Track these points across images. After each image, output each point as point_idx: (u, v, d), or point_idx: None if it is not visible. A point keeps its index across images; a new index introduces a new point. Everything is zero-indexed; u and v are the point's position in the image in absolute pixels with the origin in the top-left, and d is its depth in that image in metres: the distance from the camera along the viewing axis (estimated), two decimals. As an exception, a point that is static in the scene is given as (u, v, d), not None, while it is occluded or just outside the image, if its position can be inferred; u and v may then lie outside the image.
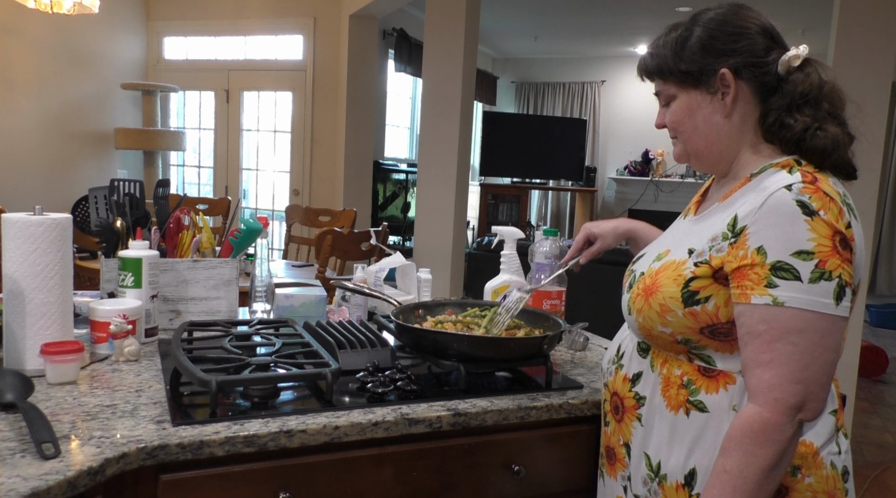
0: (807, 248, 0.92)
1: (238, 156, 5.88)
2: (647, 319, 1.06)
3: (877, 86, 2.91)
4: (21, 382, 1.10)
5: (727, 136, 1.07)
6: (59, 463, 0.89)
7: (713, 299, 1.00)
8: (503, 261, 1.69)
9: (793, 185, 0.95)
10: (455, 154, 4.38)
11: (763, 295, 0.93)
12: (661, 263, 1.09)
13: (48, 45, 4.96)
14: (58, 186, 5.05)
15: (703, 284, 1.00)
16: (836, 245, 0.92)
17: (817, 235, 0.92)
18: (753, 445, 0.93)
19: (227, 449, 1.02)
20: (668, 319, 1.03)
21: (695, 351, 1.04)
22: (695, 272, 1.01)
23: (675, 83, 1.09)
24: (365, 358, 1.30)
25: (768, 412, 0.93)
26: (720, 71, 1.04)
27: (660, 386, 1.07)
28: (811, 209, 0.93)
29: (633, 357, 1.14)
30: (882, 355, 4.81)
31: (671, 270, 1.05)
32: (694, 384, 1.03)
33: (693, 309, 1.01)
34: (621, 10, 6.36)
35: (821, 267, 0.92)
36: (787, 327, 0.92)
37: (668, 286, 1.03)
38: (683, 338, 1.03)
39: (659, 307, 1.04)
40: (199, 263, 1.60)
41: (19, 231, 1.18)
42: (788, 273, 0.92)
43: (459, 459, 1.18)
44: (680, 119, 1.10)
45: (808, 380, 0.93)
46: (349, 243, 3.03)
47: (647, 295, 1.07)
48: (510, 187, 7.98)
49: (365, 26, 5.37)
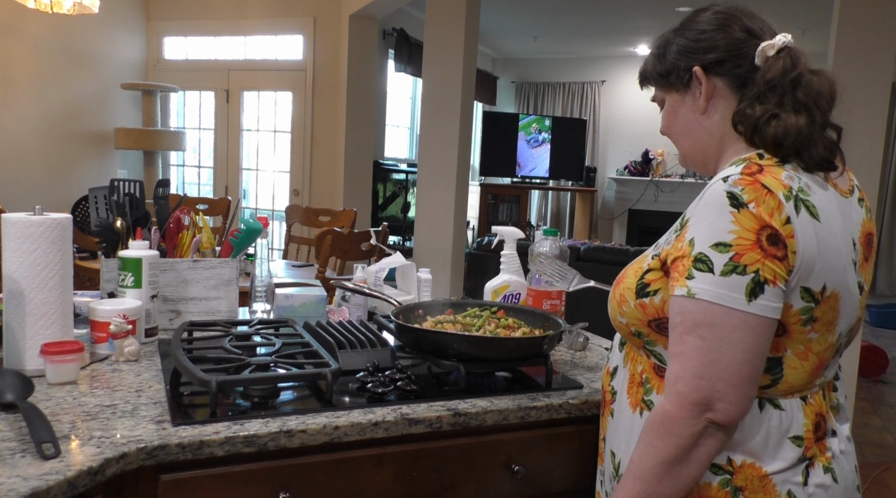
0: (726, 240, 0.89)
1: (238, 156, 5.88)
2: (612, 308, 1.09)
3: (877, 86, 2.91)
4: (21, 382, 1.10)
5: (708, 133, 1.06)
6: (59, 463, 0.89)
7: (661, 293, 0.99)
8: (503, 261, 1.69)
9: (729, 176, 0.92)
10: (455, 154, 4.38)
11: (682, 286, 0.92)
12: (638, 257, 1.11)
13: (48, 45, 4.96)
14: (58, 186, 5.05)
15: (655, 277, 1.00)
16: (759, 239, 0.88)
17: (740, 228, 0.89)
18: (653, 436, 0.93)
19: (227, 449, 1.02)
20: (624, 310, 1.04)
21: (649, 346, 1.04)
22: (650, 265, 1.02)
23: (660, 86, 1.11)
24: (365, 358, 1.30)
25: (670, 404, 0.92)
26: (692, 69, 1.04)
27: (627, 382, 1.08)
28: (740, 201, 0.89)
29: (614, 351, 1.15)
30: (882, 355, 4.81)
31: (637, 263, 1.07)
32: (649, 383, 1.04)
33: (642, 301, 1.01)
34: (621, 10, 6.36)
35: (735, 260, 0.88)
36: (696, 320, 0.90)
37: (629, 278, 1.05)
38: (636, 330, 1.04)
39: (619, 297, 1.06)
40: (199, 262, 1.60)
41: (19, 231, 1.18)
42: (704, 265, 0.90)
43: (459, 459, 1.18)
44: (668, 122, 1.11)
45: (713, 376, 0.89)
46: (349, 243, 3.03)
47: (615, 286, 1.09)
48: (510, 187, 7.98)
49: (365, 26, 5.37)
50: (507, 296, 1.65)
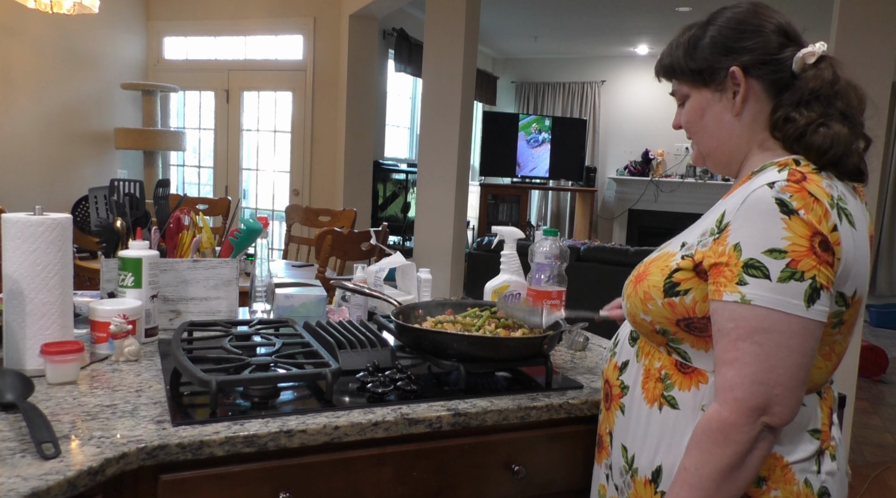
0: (780, 246, 0.89)
1: (238, 156, 5.88)
2: (633, 304, 1.07)
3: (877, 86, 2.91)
4: (21, 382, 1.10)
5: (737, 135, 1.05)
6: (59, 463, 0.89)
7: (692, 293, 0.99)
8: (503, 261, 1.69)
9: (775, 182, 0.93)
10: (455, 154, 4.38)
11: (733, 292, 0.92)
12: (657, 253, 1.10)
13: (48, 45, 4.96)
14: (58, 186, 5.05)
15: (685, 277, 0.99)
16: (813, 246, 0.89)
17: (793, 234, 0.89)
18: (710, 444, 0.92)
19: (227, 449, 1.02)
20: (649, 307, 1.03)
21: (672, 344, 1.03)
22: (679, 264, 1.01)
23: (687, 82, 1.08)
24: (365, 358, 1.30)
25: (727, 411, 0.91)
26: (730, 69, 1.03)
27: (641, 377, 1.08)
28: (790, 208, 0.90)
29: (624, 345, 1.14)
30: (882, 355, 4.81)
31: (662, 260, 1.05)
32: (670, 379, 1.03)
33: (671, 300, 1.00)
34: (621, 10, 6.35)
35: (792, 266, 0.89)
36: (752, 326, 0.90)
37: (655, 275, 1.04)
38: (661, 328, 1.03)
39: (643, 294, 1.04)
40: (199, 262, 1.60)
41: (19, 231, 1.18)
42: (758, 271, 0.90)
43: (459, 459, 1.18)
44: (692, 119, 1.09)
45: (771, 381, 0.90)
46: (349, 243, 3.03)
47: (637, 282, 1.07)
48: (510, 187, 7.98)
49: (365, 26, 5.37)
50: (507, 296, 1.65)
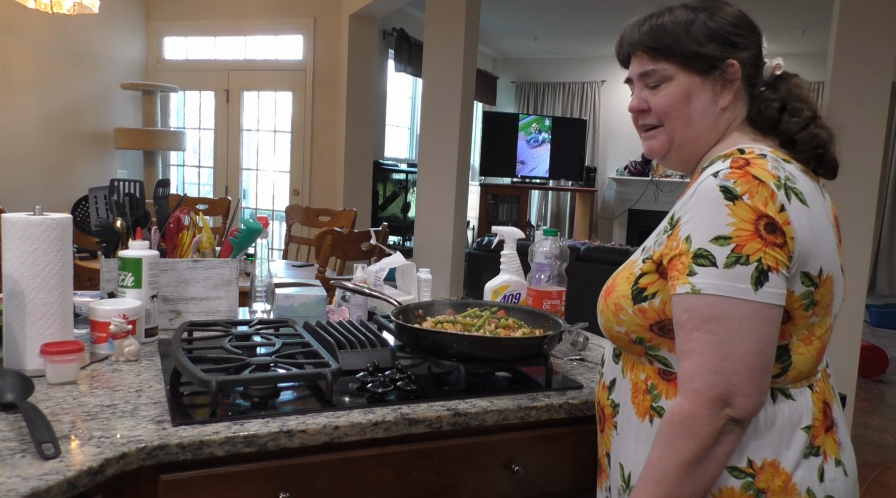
0: (725, 232, 0.89)
1: (238, 156, 5.88)
2: (606, 319, 1.06)
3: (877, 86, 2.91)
4: (21, 382, 1.10)
5: (714, 128, 1.04)
6: (59, 463, 0.89)
7: (659, 295, 0.98)
8: (503, 261, 1.69)
9: (719, 171, 0.93)
10: (455, 154, 4.38)
11: (684, 284, 0.92)
12: (623, 265, 1.09)
13: (48, 45, 4.96)
14: (58, 186, 5.05)
15: (650, 281, 0.99)
16: (758, 229, 0.89)
17: (737, 220, 0.89)
18: (672, 437, 0.91)
19: (227, 449, 1.02)
20: (621, 318, 1.02)
21: (651, 352, 1.02)
22: (642, 269, 1.01)
23: (678, 64, 1.03)
24: (365, 358, 1.30)
25: (688, 403, 0.90)
26: (729, 61, 1.02)
27: (630, 392, 1.05)
28: (734, 194, 0.90)
29: (609, 364, 1.13)
30: (882, 355, 4.81)
31: (626, 269, 1.05)
32: (656, 389, 1.01)
33: (641, 306, 1.00)
34: (621, 10, 6.35)
35: (737, 252, 0.89)
36: (704, 315, 0.90)
37: (622, 285, 1.03)
38: (637, 336, 1.02)
39: (613, 307, 1.04)
40: (199, 262, 1.60)
41: (19, 231, 1.18)
42: (706, 259, 0.90)
43: (459, 459, 1.18)
44: (674, 103, 1.04)
45: (727, 370, 0.89)
46: (349, 243, 3.03)
47: (606, 296, 1.06)
48: (510, 187, 7.98)
49: (365, 26, 5.37)
50: (507, 296, 1.65)
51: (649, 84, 1.06)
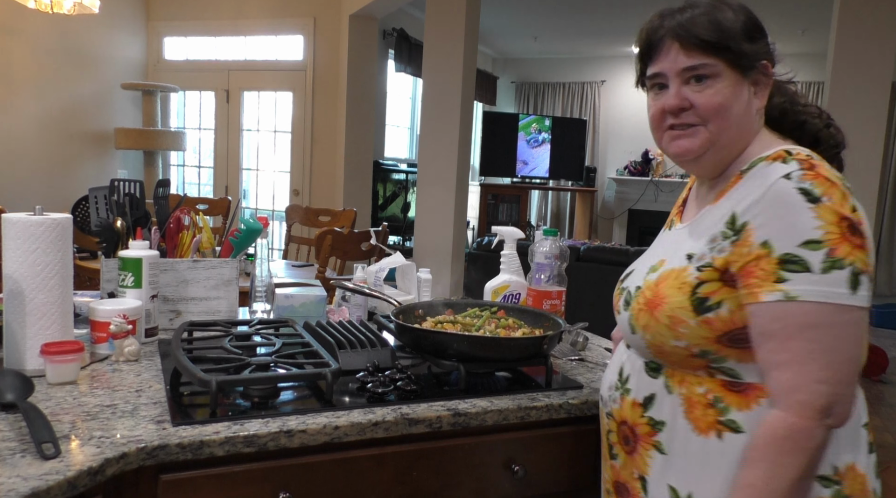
0: (815, 236, 0.86)
1: (238, 156, 5.88)
2: (656, 334, 0.98)
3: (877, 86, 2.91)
4: (21, 382, 1.10)
5: (751, 130, 1.01)
6: (59, 463, 0.89)
7: (726, 303, 0.93)
8: (503, 261, 1.69)
9: (791, 173, 0.90)
10: (455, 154, 4.38)
11: (773, 291, 0.87)
12: (658, 274, 1.01)
13: (48, 45, 4.96)
14: (58, 186, 5.05)
15: (713, 289, 0.94)
16: (844, 231, 0.86)
17: (824, 223, 0.86)
18: (780, 455, 0.86)
19: (227, 449, 1.02)
20: (681, 331, 0.95)
21: (715, 364, 0.95)
22: (700, 277, 0.95)
23: (727, 61, 0.97)
24: (365, 358, 1.30)
25: (794, 416, 0.86)
26: (763, 62, 1.00)
27: (681, 408, 0.98)
28: (814, 196, 0.87)
29: (640, 379, 1.04)
30: (882, 355, 4.81)
31: (672, 278, 0.98)
32: (723, 402, 0.95)
33: (706, 317, 0.93)
34: (621, 10, 6.35)
35: (832, 256, 0.86)
36: (802, 323, 0.86)
37: (674, 296, 0.96)
38: (701, 350, 0.95)
39: (668, 319, 0.96)
40: (199, 262, 1.60)
41: (19, 231, 1.18)
42: (798, 265, 0.86)
43: (459, 459, 1.18)
44: (724, 102, 0.98)
45: (832, 379, 0.85)
46: (349, 243, 3.03)
47: (652, 308, 0.98)
48: (510, 187, 7.98)
49: (365, 26, 5.37)
50: (507, 296, 1.65)
51: (692, 79, 0.99)
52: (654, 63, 1.02)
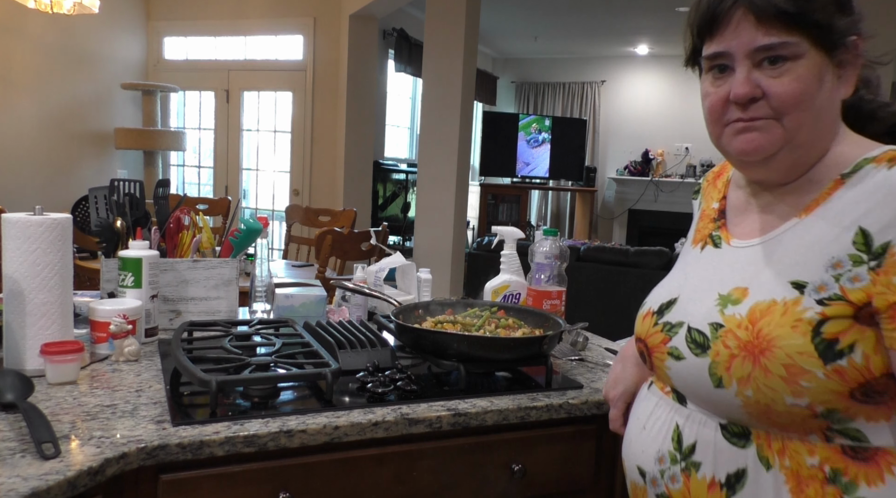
0: None
1: (238, 156, 5.88)
2: (765, 389, 0.76)
3: (877, 86, 2.91)
4: (21, 382, 1.10)
5: (833, 124, 0.83)
6: (59, 463, 0.89)
7: (859, 347, 0.74)
8: (503, 261, 1.69)
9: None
10: (455, 154, 4.38)
11: None
12: (748, 308, 0.80)
13: (48, 45, 4.96)
14: (58, 186, 5.05)
15: (842, 328, 0.74)
16: None
17: None
18: None
19: (227, 449, 1.02)
20: (804, 386, 0.74)
21: (838, 425, 0.76)
22: (825, 313, 0.75)
23: (810, 37, 0.78)
24: (365, 358, 1.30)
25: None
26: (852, 38, 0.81)
27: (786, 486, 0.77)
28: None
29: (717, 448, 0.81)
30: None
31: (778, 314, 0.77)
32: (844, 476, 0.76)
33: (838, 365, 0.74)
34: (621, 10, 6.36)
35: None
36: None
37: (788, 337, 0.75)
38: (827, 409, 0.75)
39: (786, 371, 0.75)
40: (199, 262, 1.60)
41: (19, 231, 1.18)
42: None
43: (459, 459, 1.18)
44: (806, 91, 0.79)
45: None
46: (349, 243, 3.03)
47: (758, 355, 0.76)
48: (510, 187, 7.98)
49: (365, 26, 5.37)
50: (507, 296, 1.65)
51: (765, 62, 0.80)
52: (717, 39, 0.81)
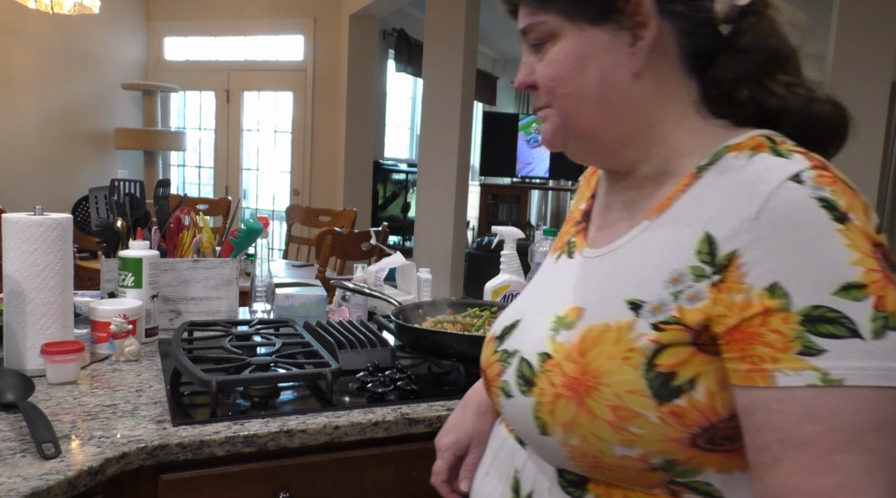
0: (854, 278, 0.53)
1: (238, 156, 5.88)
2: (591, 437, 0.61)
3: (877, 86, 2.91)
4: (21, 381, 1.11)
5: (634, 106, 0.67)
6: (59, 463, 0.89)
7: (701, 382, 0.58)
8: (503, 261, 1.69)
9: (801, 173, 0.56)
10: (455, 154, 4.38)
11: (799, 369, 0.53)
12: (577, 333, 0.64)
13: (48, 46, 4.96)
14: (58, 186, 5.05)
15: (679, 359, 0.58)
16: (883, 266, 0.55)
17: (860, 254, 0.54)
18: None
19: (227, 449, 1.02)
20: (634, 432, 0.59)
21: (682, 478, 0.61)
22: (659, 339, 0.59)
23: (559, 13, 0.67)
24: (365, 358, 1.30)
25: None
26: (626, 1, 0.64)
27: None
28: (840, 209, 0.55)
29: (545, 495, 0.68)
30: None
31: (610, 343, 0.61)
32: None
33: (674, 405, 0.58)
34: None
35: (879, 308, 0.53)
36: (858, 424, 0.52)
37: (618, 372, 0.60)
38: (664, 459, 0.60)
39: (612, 414, 0.59)
40: (199, 262, 1.60)
41: (20, 231, 1.18)
42: (836, 325, 0.53)
43: (459, 458, 1.18)
44: (562, 73, 0.67)
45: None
46: (349, 243, 3.03)
47: (582, 393, 0.61)
48: (510, 187, 7.98)
49: (365, 26, 5.37)
50: (507, 296, 1.65)
51: (529, 45, 0.71)
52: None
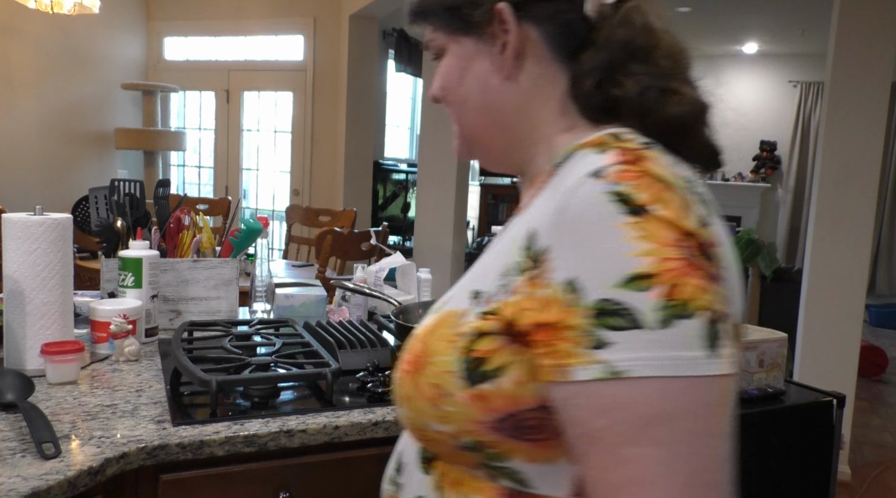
0: (641, 268, 0.52)
1: (238, 156, 5.89)
2: (415, 410, 0.64)
3: (877, 86, 2.91)
4: (21, 381, 1.11)
5: (512, 109, 0.69)
6: (59, 463, 0.89)
7: (511, 371, 0.59)
8: (503, 261, 1.69)
9: (601, 170, 0.56)
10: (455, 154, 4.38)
11: (588, 364, 0.53)
12: (433, 316, 0.69)
13: (48, 45, 4.96)
14: (58, 186, 5.05)
15: (493, 347, 0.59)
16: (687, 256, 0.53)
17: (654, 245, 0.53)
18: None
19: (227, 449, 1.02)
20: (446, 409, 0.61)
21: (494, 463, 0.62)
22: (480, 327, 0.61)
23: (439, 28, 0.73)
24: (365, 358, 1.30)
25: None
26: (494, 6, 0.67)
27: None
28: (636, 203, 0.54)
29: (413, 472, 0.71)
30: (882, 355, 4.82)
31: (447, 326, 0.64)
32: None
33: (481, 389, 0.59)
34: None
35: (669, 297, 0.52)
36: (643, 415, 0.52)
37: (443, 353, 0.62)
38: (472, 440, 0.61)
39: (431, 389, 0.62)
40: (199, 262, 1.60)
41: (20, 231, 1.19)
42: (620, 318, 0.52)
43: (459, 458, 1.18)
44: (447, 82, 0.73)
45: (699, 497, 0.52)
46: (349, 243, 3.03)
47: (415, 371, 0.65)
48: (510, 187, 7.99)
49: (365, 26, 5.38)
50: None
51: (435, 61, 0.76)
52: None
